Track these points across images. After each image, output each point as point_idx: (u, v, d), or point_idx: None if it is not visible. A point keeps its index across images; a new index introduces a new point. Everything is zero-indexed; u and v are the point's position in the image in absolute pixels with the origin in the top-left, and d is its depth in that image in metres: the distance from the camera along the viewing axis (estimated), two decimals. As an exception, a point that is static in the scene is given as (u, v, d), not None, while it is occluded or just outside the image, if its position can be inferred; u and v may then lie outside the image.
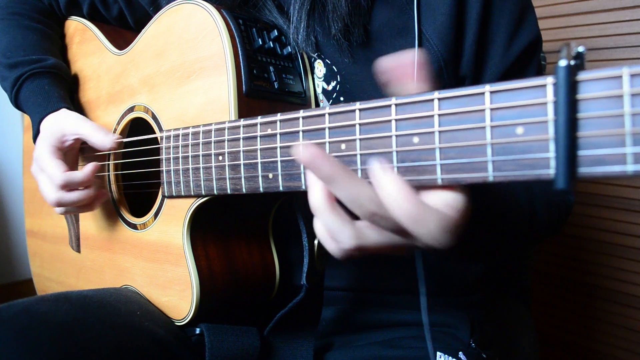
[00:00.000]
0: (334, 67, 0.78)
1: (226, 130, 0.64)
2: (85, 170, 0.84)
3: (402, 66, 0.48)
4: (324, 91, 0.79)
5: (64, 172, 0.83)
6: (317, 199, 0.48)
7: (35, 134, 0.90)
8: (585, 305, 1.64)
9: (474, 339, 0.82)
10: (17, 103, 0.95)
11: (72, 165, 0.92)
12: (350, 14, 0.72)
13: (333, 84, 0.78)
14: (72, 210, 0.88)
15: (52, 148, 0.86)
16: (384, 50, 0.74)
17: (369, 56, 0.75)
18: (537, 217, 0.70)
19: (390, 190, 0.43)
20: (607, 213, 1.54)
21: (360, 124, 0.48)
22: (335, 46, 0.75)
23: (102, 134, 0.85)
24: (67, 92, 0.96)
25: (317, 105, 0.79)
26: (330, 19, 0.73)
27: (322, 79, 0.79)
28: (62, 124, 0.87)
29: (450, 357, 0.77)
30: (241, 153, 0.61)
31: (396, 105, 0.46)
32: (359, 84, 0.76)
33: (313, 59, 0.79)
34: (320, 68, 0.79)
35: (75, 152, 0.92)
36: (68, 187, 0.83)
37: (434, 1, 0.71)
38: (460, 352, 0.78)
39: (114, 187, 0.92)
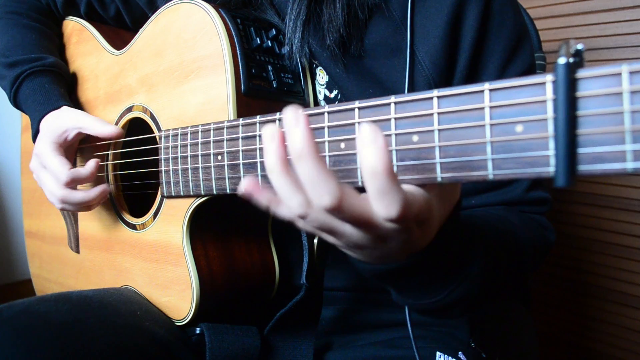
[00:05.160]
0: (329, 76, 0.78)
1: (225, 129, 0.64)
2: (88, 166, 0.85)
3: None
4: (326, 98, 0.79)
5: (69, 169, 0.83)
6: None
7: (35, 132, 0.90)
8: (585, 305, 1.64)
9: (473, 339, 0.81)
10: (16, 102, 0.95)
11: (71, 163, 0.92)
12: (346, 25, 0.72)
13: (335, 92, 0.79)
14: (72, 209, 0.88)
15: (54, 145, 0.86)
16: (376, 67, 0.75)
17: (361, 71, 0.75)
18: (523, 253, 0.67)
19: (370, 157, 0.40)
20: (607, 213, 1.53)
21: (359, 123, 0.48)
22: (330, 56, 0.75)
23: (101, 124, 0.86)
24: (67, 91, 0.96)
25: None
26: (325, 29, 0.73)
27: (325, 86, 0.79)
28: (63, 120, 0.88)
29: (449, 357, 0.77)
30: (240, 152, 0.61)
31: (395, 103, 0.45)
32: (352, 97, 0.76)
33: (315, 65, 0.80)
34: (322, 75, 0.79)
35: (74, 150, 0.92)
36: (74, 183, 0.83)
37: (428, 23, 0.72)
38: (460, 352, 0.78)
39: (112, 187, 0.92)
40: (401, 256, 0.49)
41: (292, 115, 0.41)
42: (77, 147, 0.93)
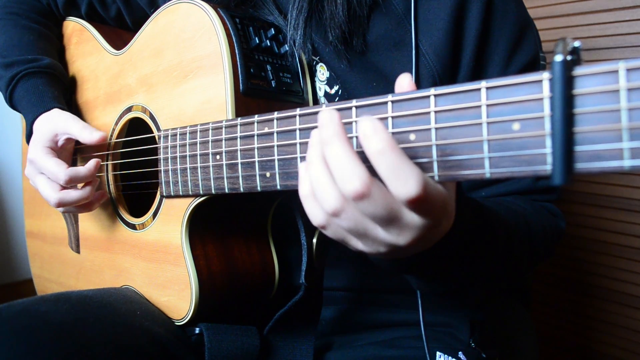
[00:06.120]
0: (332, 72, 0.78)
1: (223, 129, 0.64)
2: (88, 165, 0.84)
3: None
4: (326, 94, 0.80)
5: (67, 168, 0.83)
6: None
7: (29, 133, 0.90)
8: (585, 305, 1.64)
9: (473, 339, 0.81)
10: (11, 102, 0.95)
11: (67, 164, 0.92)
12: (347, 21, 0.72)
13: (336, 88, 0.79)
14: (72, 210, 0.88)
15: (47, 149, 0.86)
16: (380, 61, 0.75)
17: (364, 65, 0.75)
18: (534, 242, 0.69)
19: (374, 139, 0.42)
20: (607, 213, 1.53)
21: (357, 122, 0.48)
22: (333, 52, 0.75)
23: (88, 132, 0.85)
24: (62, 93, 0.96)
25: None
26: (327, 25, 0.73)
27: (325, 82, 0.79)
28: (54, 123, 0.87)
29: (450, 357, 0.77)
30: (238, 152, 0.61)
31: (392, 102, 0.46)
32: (355, 91, 0.76)
33: (315, 62, 0.80)
34: (323, 71, 0.79)
35: (69, 152, 0.92)
36: (72, 182, 0.83)
37: (431, 16, 0.72)
38: (460, 352, 0.78)
39: (112, 187, 0.92)
40: (425, 247, 0.49)
41: (327, 115, 0.44)
42: (74, 149, 0.93)
